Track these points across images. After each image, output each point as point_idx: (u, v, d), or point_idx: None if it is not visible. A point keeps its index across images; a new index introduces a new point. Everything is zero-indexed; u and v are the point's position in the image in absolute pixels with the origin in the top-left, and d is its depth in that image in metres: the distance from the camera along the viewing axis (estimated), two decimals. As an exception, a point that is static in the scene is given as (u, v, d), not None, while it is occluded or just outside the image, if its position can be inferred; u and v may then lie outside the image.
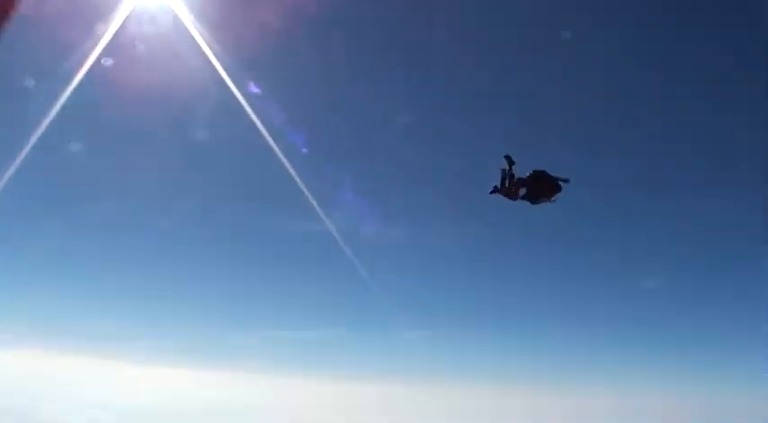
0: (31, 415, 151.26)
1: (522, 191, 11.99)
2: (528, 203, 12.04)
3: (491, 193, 12.28)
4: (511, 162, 12.22)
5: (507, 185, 12.14)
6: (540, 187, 11.76)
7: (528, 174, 11.92)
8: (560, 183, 11.69)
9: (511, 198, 12.13)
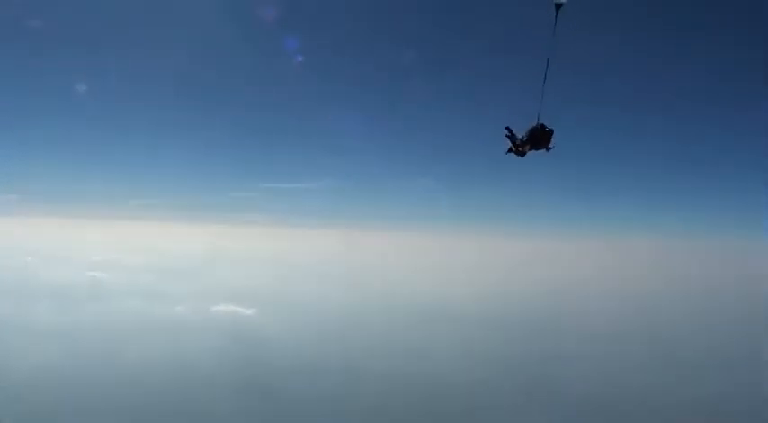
0: (33, 279, 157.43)
1: (527, 147, 15.06)
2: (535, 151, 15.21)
3: (507, 152, 15.33)
4: (511, 132, 15.25)
5: (515, 148, 15.20)
6: (538, 140, 14.99)
7: (525, 133, 15.07)
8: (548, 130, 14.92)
9: (521, 155, 15.21)
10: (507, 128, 15.21)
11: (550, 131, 14.85)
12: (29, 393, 68.98)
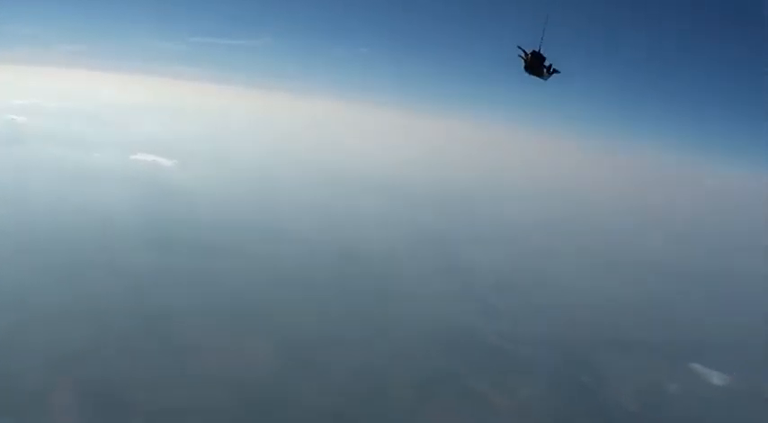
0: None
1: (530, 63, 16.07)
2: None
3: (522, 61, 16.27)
4: (525, 54, 16.15)
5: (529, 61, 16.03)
6: (534, 66, 16.03)
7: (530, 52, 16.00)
8: (554, 70, 16.02)
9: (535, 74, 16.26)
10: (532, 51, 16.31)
11: (549, 71, 16.22)
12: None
